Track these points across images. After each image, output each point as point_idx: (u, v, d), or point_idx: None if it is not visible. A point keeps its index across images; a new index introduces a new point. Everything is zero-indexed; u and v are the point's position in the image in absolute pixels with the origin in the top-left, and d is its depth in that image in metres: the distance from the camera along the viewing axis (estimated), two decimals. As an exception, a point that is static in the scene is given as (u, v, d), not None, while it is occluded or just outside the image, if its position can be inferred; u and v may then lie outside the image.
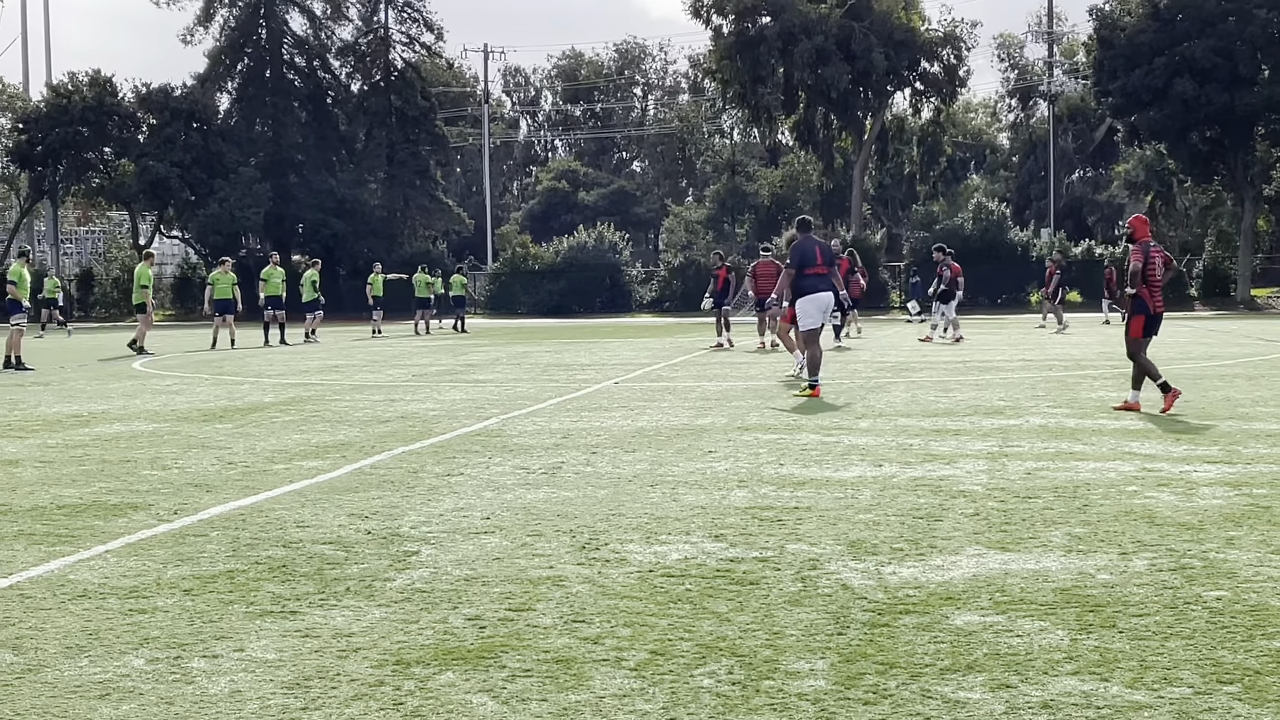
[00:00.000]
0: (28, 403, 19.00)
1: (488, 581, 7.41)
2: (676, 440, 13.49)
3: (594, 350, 31.60)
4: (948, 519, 8.96)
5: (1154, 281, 15.72)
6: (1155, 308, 15.78)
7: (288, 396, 19.55)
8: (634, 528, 8.87)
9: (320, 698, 5.45)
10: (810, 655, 5.92)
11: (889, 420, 14.95)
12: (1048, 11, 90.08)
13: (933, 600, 6.81)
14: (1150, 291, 15.72)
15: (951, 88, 76.99)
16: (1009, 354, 25.73)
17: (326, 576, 7.59)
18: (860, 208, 79.14)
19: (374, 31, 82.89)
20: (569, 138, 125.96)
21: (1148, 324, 15.85)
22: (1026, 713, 5.13)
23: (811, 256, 18.63)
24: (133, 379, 23.72)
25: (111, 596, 7.15)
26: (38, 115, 75.03)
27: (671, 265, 74.96)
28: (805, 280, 18.61)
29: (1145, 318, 15.79)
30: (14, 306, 28.33)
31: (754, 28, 74.07)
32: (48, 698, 5.48)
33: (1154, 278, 15.70)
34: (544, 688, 5.54)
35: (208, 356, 31.97)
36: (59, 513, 9.73)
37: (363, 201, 76.43)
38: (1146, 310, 15.75)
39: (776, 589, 7.13)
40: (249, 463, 12.35)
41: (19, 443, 14.14)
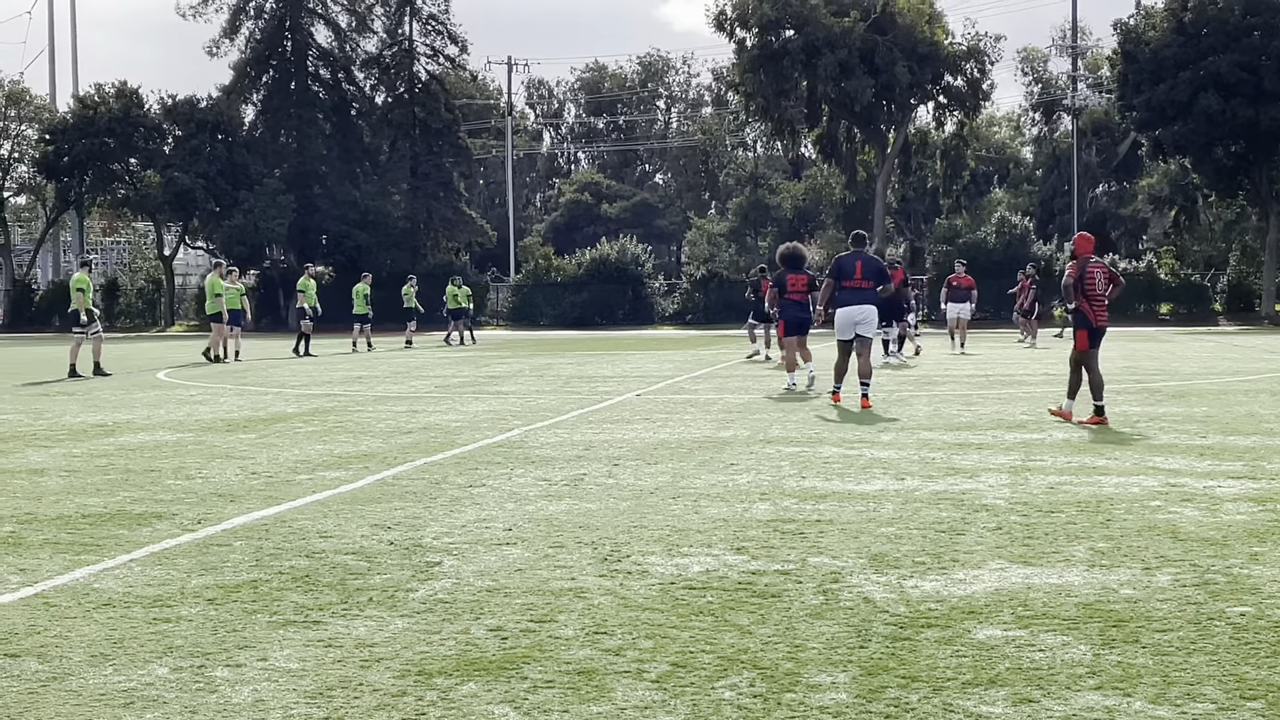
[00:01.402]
0: (53, 412, 19.08)
1: (510, 593, 7.43)
2: (699, 453, 13.49)
3: (616, 362, 31.62)
4: (970, 533, 8.95)
5: (1094, 296, 16.26)
6: (1097, 321, 16.31)
7: (311, 407, 19.61)
8: (656, 540, 8.88)
9: (343, 708, 5.47)
10: (832, 668, 5.92)
11: (911, 433, 14.93)
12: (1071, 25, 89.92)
13: (955, 614, 6.81)
14: (1091, 305, 16.26)
15: (975, 101, 76.83)
16: (1032, 368, 25.67)
17: (349, 587, 7.61)
18: (883, 221, 79.02)
19: (398, 44, 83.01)
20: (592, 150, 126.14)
21: (1091, 336, 16.37)
22: (1049, 727, 5.12)
23: (850, 270, 19.10)
24: (157, 389, 23.81)
25: (136, 605, 7.18)
26: (64, 126, 75.34)
27: (694, 278, 74.94)
28: (841, 293, 19.13)
29: (1088, 330, 16.34)
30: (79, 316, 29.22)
31: (777, 41, 74.05)
32: (73, 706, 5.51)
33: (1093, 292, 16.26)
34: (565, 699, 5.55)
35: (230, 368, 32.07)
36: (84, 522, 9.77)
37: (386, 213, 76.54)
38: (1089, 324, 16.30)
39: (798, 602, 7.13)
40: (272, 473, 12.39)
41: (45, 452, 14.21)
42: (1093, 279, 16.29)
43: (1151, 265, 69.61)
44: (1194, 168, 68.07)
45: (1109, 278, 16.43)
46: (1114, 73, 68.48)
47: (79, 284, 29.19)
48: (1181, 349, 35.61)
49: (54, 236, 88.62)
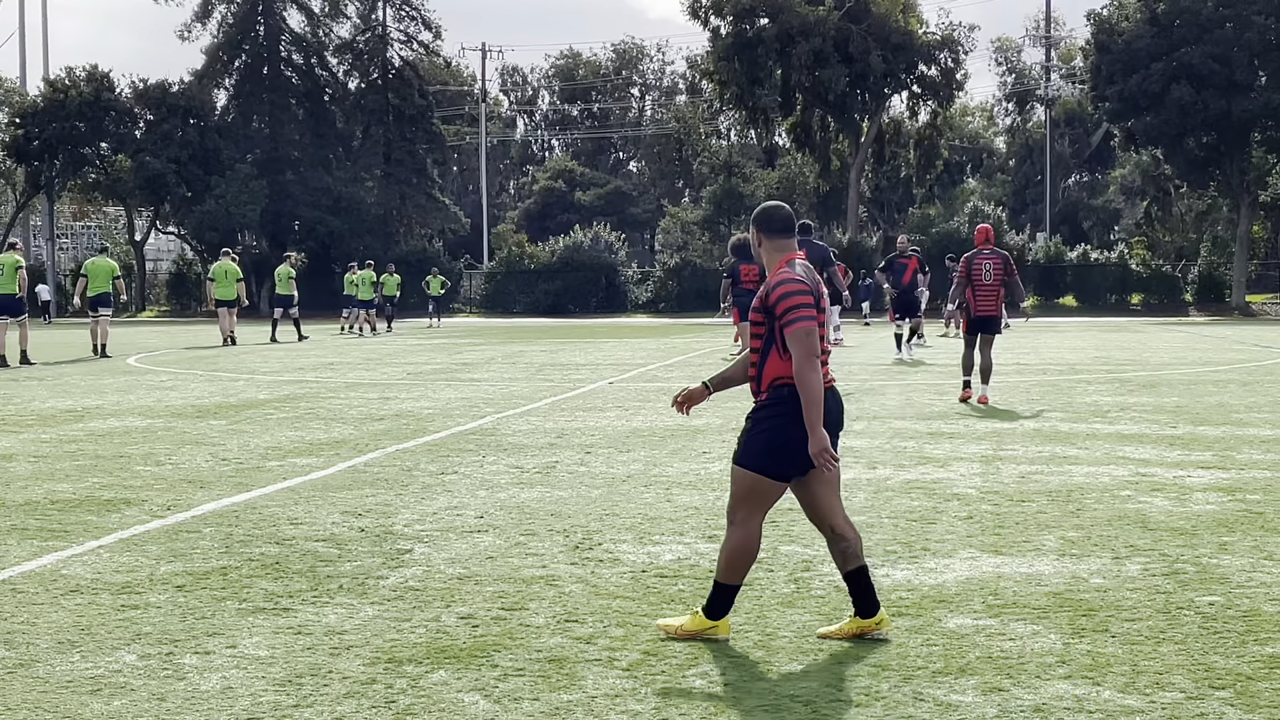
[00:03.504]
0: (21, 397, 18.97)
1: (481, 580, 7.41)
2: (671, 441, 13.49)
3: (589, 350, 31.59)
4: (941, 522, 8.96)
5: (979, 285, 17.30)
6: (975, 310, 17.37)
7: (282, 394, 19.53)
8: (627, 528, 8.87)
9: (312, 695, 5.45)
10: (802, 656, 5.93)
11: (883, 422, 14.95)
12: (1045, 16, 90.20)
13: (925, 603, 6.82)
14: (974, 294, 17.33)
15: (949, 91, 76.81)
16: (1004, 358, 25.70)
17: (319, 574, 7.59)
18: (856, 210, 79.05)
19: (372, 29, 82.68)
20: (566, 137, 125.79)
21: (970, 324, 17.55)
22: (1019, 716, 5.13)
23: None
24: (127, 374, 23.69)
25: (104, 592, 7.15)
26: (34, 110, 74.79)
27: (667, 266, 74.88)
28: None
29: (968, 319, 17.55)
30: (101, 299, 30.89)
31: (752, 29, 73.91)
32: (39, 693, 5.47)
33: (979, 281, 17.29)
34: (536, 687, 5.54)
35: (203, 353, 31.94)
36: (52, 508, 9.72)
37: (359, 199, 76.27)
38: (969, 312, 17.46)
39: (769, 590, 7.14)
40: (242, 459, 12.34)
41: (13, 437, 14.13)
42: (979, 269, 17.26)
43: (1123, 255, 69.88)
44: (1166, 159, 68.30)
45: (996, 267, 17.29)
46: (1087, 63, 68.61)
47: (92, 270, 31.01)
48: (1152, 339, 35.75)
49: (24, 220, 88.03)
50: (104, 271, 31.12)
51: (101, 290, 30.93)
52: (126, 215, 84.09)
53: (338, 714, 5.23)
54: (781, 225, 6.34)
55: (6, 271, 27.51)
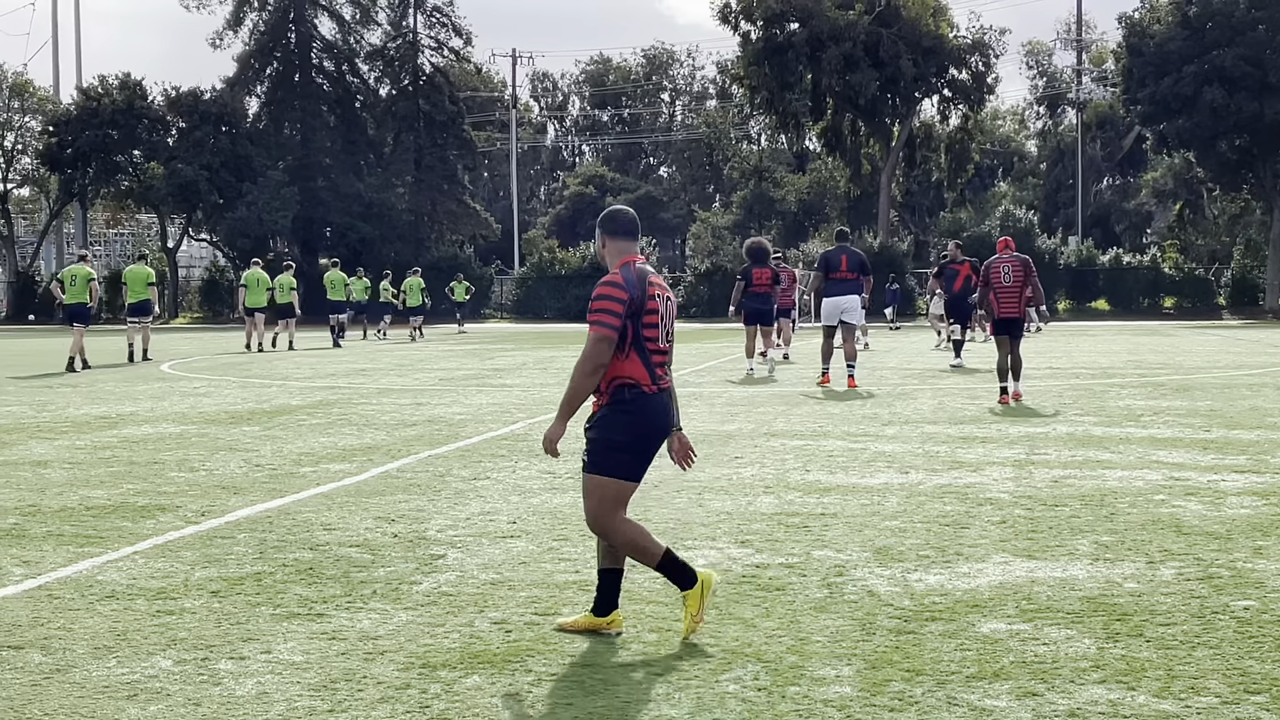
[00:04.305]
0: (56, 404, 19.08)
1: (514, 586, 7.43)
2: (703, 446, 13.47)
3: (620, 355, 31.55)
4: (974, 526, 8.94)
5: (1000, 288, 18.17)
6: (999, 312, 18.21)
7: (314, 399, 19.61)
8: (660, 533, 8.87)
9: (346, 700, 5.47)
10: (836, 662, 5.92)
11: (916, 427, 14.92)
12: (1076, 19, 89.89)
13: (959, 608, 6.80)
14: (996, 297, 18.22)
15: (980, 95, 76.64)
16: (1036, 362, 25.63)
17: (353, 579, 7.61)
18: (888, 214, 78.93)
19: (403, 36, 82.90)
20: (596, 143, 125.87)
21: (995, 326, 18.30)
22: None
23: (837, 263, 21.17)
24: (161, 381, 23.81)
25: (139, 598, 7.19)
26: (68, 118, 75.26)
27: (698, 271, 74.87)
28: (829, 284, 21.19)
29: (993, 322, 18.32)
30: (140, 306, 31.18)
31: (782, 34, 73.90)
32: (76, 698, 5.51)
33: (1000, 285, 18.16)
34: (570, 692, 5.55)
35: (236, 359, 32.06)
36: (87, 514, 9.77)
37: (390, 205, 76.46)
38: (993, 314, 18.29)
39: (802, 595, 7.13)
40: (276, 465, 12.39)
41: (48, 444, 14.21)
42: (998, 273, 18.13)
43: (1155, 259, 69.59)
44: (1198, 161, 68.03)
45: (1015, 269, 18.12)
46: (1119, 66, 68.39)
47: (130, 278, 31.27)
48: (1185, 343, 35.59)
49: (57, 228, 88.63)
50: (141, 278, 31.40)
51: (140, 298, 31.22)
52: (159, 222, 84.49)
53: (372, 719, 5.25)
54: (624, 228, 6.52)
55: (79, 282, 28.46)
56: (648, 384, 6.29)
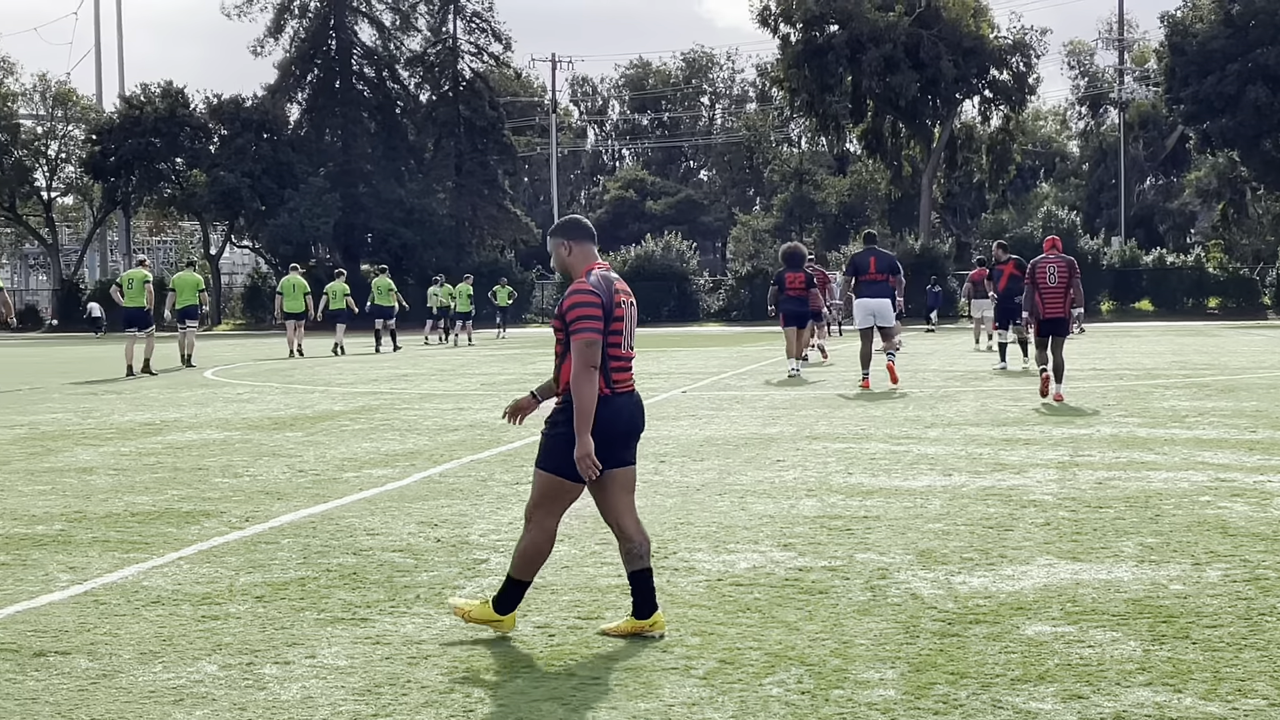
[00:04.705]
0: (101, 411, 19.21)
1: (556, 590, 7.44)
2: (744, 449, 13.47)
3: (661, 359, 31.59)
4: (1018, 529, 8.90)
5: (1045, 289, 18.36)
6: (1044, 313, 18.39)
7: (357, 405, 19.67)
8: (702, 536, 8.88)
9: (391, 704, 5.49)
10: (880, 665, 5.90)
11: (958, 429, 14.87)
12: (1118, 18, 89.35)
13: (1003, 610, 6.77)
14: (1042, 298, 18.37)
15: (1021, 95, 76.34)
16: (1079, 363, 25.48)
17: (397, 584, 7.64)
18: (929, 216, 78.68)
19: (443, 42, 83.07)
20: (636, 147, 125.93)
21: (1040, 327, 18.52)
22: (1099, 724, 5.09)
23: (865, 266, 21.63)
24: (204, 387, 23.94)
25: (185, 603, 7.23)
26: (111, 127, 75.71)
27: (739, 274, 74.76)
28: (859, 286, 21.62)
29: (1038, 322, 18.54)
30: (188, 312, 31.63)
31: (821, 36, 73.78)
32: (122, 703, 5.54)
33: (1045, 285, 18.34)
34: (613, 696, 5.55)
35: (279, 365, 32.21)
36: (132, 520, 9.84)
37: (431, 211, 76.64)
38: (1037, 314, 18.50)
39: (846, 598, 7.12)
40: (319, 470, 12.44)
41: (93, 450, 14.31)
42: (1044, 274, 18.32)
43: (1200, 259, 69.07)
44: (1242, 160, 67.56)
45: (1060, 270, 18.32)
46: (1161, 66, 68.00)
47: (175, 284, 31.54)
48: (1230, 343, 35.33)
49: (101, 236, 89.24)
50: (190, 285, 31.75)
51: (188, 303, 31.53)
52: (202, 229, 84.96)
53: (416, 723, 5.27)
54: (587, 233, 6.74)
55: (135, 286, 28.79)
56: (602, 388, 6.39)
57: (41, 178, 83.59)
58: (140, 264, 30.28)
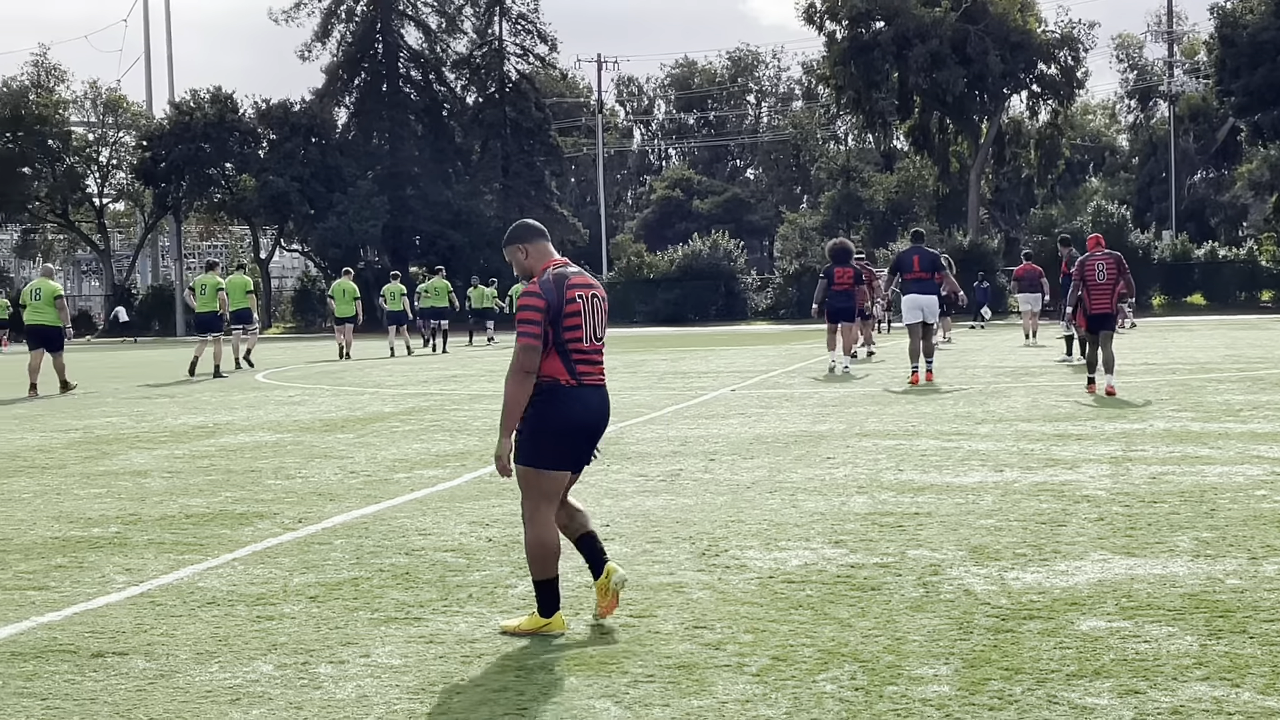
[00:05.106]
0: (154, 414, 19.36)
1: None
2: (795, 447, 13.45)
3: (710, 358, 31.59)
4: (1071, 524, 8.85)
5: (1093, 285, 18.47)
6: (1092, 308, 18.48)
7: (407, 406, 19.75)
8: (753, 534, 8.87)
9: (445, 703, 5.51)
10: (934, 661, 5.88)
11: (1009, 425, 14.79)
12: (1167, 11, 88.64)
13: (1057, 606, 6.74)
14: (1089, 294, 18.50)
15: (1069, 89, 75.91)
16: (1131, 358, 25.31)
17: (449, 584, 7.67)
18: (977, 212, 78.29)
19: (488, 44, 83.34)
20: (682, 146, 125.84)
21: (1089, 322, 18.62)
22: (1156, 719, 5.05)
23: (909, 264, 21.82)
24: (255, 390, 24.09)
25: (240, 604, 7.28)
26: (161, 133, 76.26)
27: (787, 272, 74.62)
28: (905, 284, 21.96)
29: (1086, 317, 18.65)
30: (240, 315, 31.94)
31: (868, 33, 73.59)
32: (180, 703, 5.59)
33: (1093, 281, 18.47)
34: (666, 693, 5.55)
35: (329, 368, 32.37)
36: (187, 522, 9.91)
37: (479, 213, 76.92)
38: (1085, 309, 18.61)
39: (898, 595, 7.09)
40: (370, 472, 12.50)
41: (147, 453, 14.42)
42: (1092, 270, 18.44)
43: (1252, 252, 68.43)
44: (1295, 152, 66.87)
45: (1109, 266, 18.46)
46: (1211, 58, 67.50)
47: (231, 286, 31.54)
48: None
49: (152, 241, 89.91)
50: (240, 287, 32.04)
51: (240, 306, 31.78)
52: (251, 234, 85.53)
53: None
54: (537, 232, 6.90)
55: (208, 291, 29.33)
56: (565, 379, 6.54)
57: (93, 184, 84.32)
58: (210, 268, 30.72)
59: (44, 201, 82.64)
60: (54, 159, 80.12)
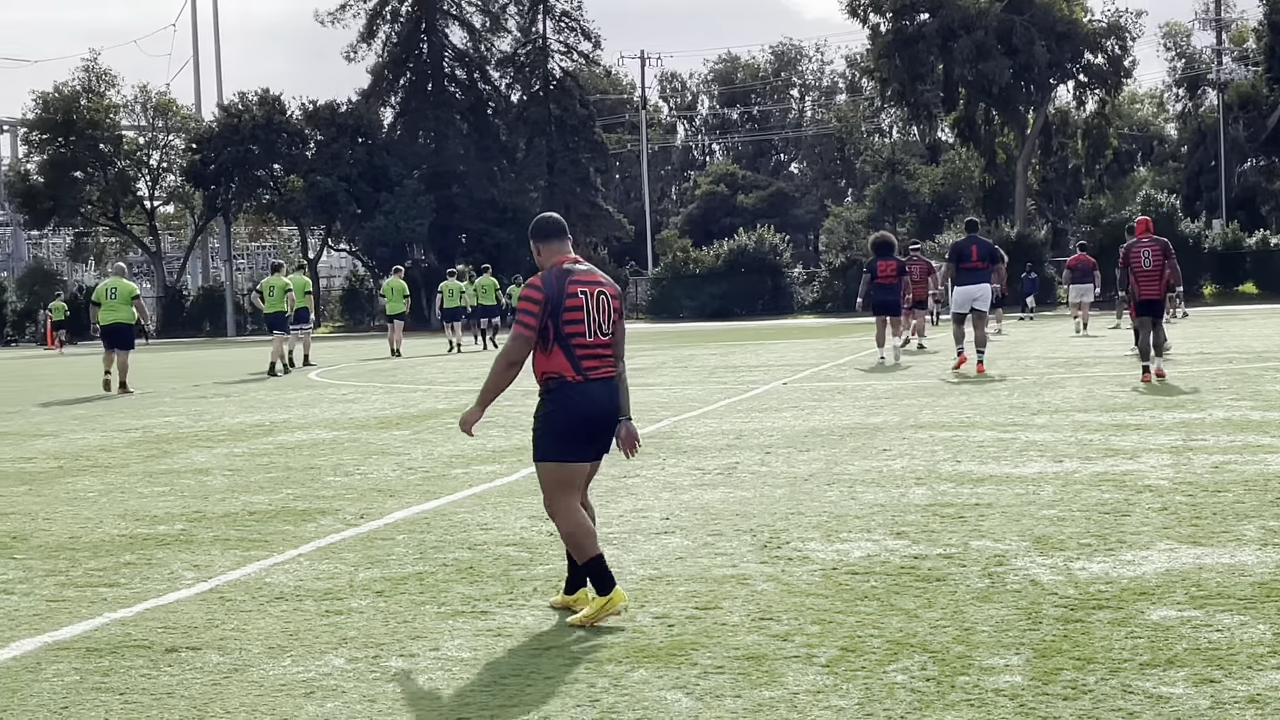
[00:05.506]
0: (212, 414, 19.50)
1: (672, 581, 7.46)
2: (850, 439, 13.43)
3: (759, 352, 31.55)
4: (1135, 514, 8.81)
5: (1140, 272, 18.57)
6: (1140, 294, 18.65)
7: (460, 403, 19.80)
8: (814, 526, 8.87)
9: (517, 695, 5.54)
10: (1004, 651, 5.87)
11: (1066, 415, 14.72)
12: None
13: (1126, 595, 6.71)
14: (1138, 281, 18.60)
15: (1116, 79, 75.42)
16: (1185, 347, 25.12)
17: (513, 577, 7.70)
18: (1024, 203, 77.88)
19: (532, 42, 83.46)
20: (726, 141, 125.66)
21: (1137, 309, 18.86)
22: (1233, 708, 5.03)
23: (968, 254, 22.02)
24: (309, 389, 24.22)
25: (307, 599, 7.33)
26: (210, 135, 76.78)
27: (832, 266, 74.44)
28: (960, 273, 22.02)
29: (1134, 304, 18.88)
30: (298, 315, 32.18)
31: (912, 25, 73.35)
32: (255, 696, 5.63)
33: (1140, 268, 18.56)
34: (737, 684, 5.56)
35: (381, 366, 32.51)
36: (250, 518, 9.99)
37: (524, 210, 76.92)
38: (1134, 296, 18.77)
39: (964, 585, 7.08)
40: (428, 468, 12.56)
41: (207, 452, 14.53)
42: (1139, 257, 18.59)
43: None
44: (1346, 138, 66.22)
45: (1154, 253, 18.56)
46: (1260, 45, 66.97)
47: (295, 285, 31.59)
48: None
49: (202, 243, 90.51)
50: (300, 287, 32.17)
51: (300, 305, 31.91)
52: (299, 234, 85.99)
53: (544, 713, 5.31)
54: (549, 231, 7.10)
55: (276, 293, 29.90)
56: (571, 375, 6.72)
57: (144, 187, 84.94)
58: (276, 270, 31.05)
59: (96, 205, 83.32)
60: (105, 163, 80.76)
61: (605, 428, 6.91)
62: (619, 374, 7.00)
